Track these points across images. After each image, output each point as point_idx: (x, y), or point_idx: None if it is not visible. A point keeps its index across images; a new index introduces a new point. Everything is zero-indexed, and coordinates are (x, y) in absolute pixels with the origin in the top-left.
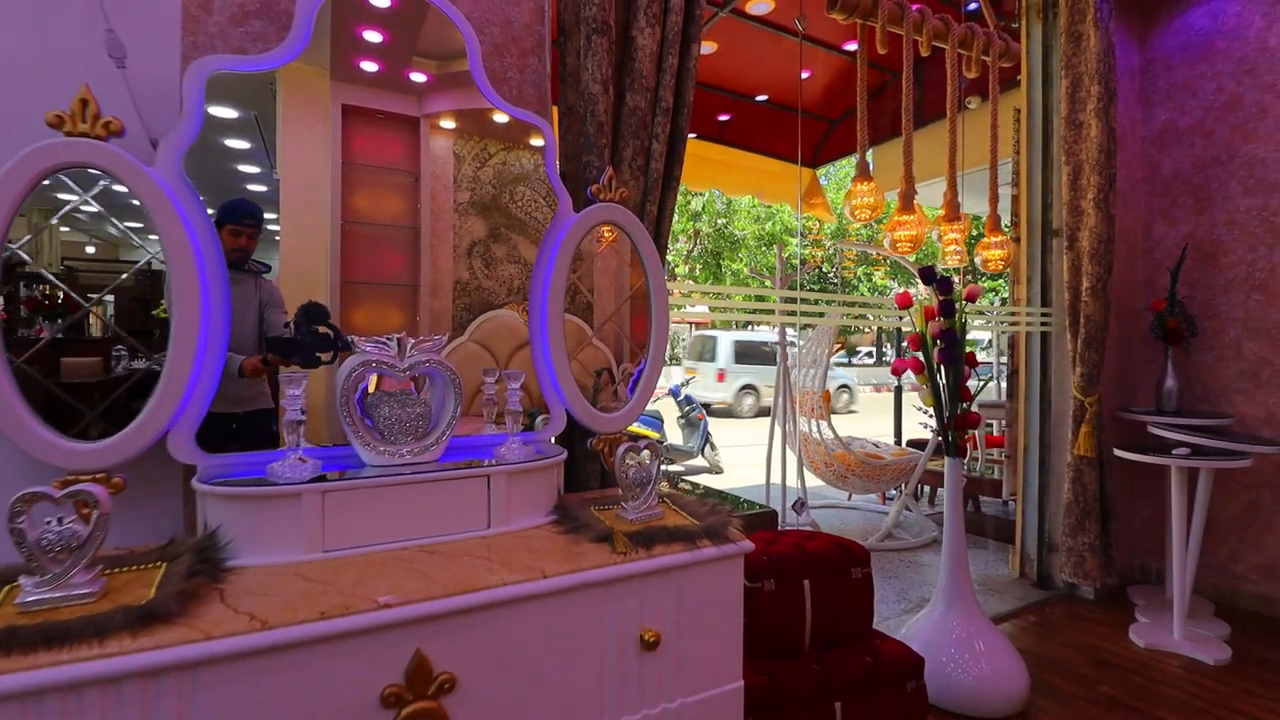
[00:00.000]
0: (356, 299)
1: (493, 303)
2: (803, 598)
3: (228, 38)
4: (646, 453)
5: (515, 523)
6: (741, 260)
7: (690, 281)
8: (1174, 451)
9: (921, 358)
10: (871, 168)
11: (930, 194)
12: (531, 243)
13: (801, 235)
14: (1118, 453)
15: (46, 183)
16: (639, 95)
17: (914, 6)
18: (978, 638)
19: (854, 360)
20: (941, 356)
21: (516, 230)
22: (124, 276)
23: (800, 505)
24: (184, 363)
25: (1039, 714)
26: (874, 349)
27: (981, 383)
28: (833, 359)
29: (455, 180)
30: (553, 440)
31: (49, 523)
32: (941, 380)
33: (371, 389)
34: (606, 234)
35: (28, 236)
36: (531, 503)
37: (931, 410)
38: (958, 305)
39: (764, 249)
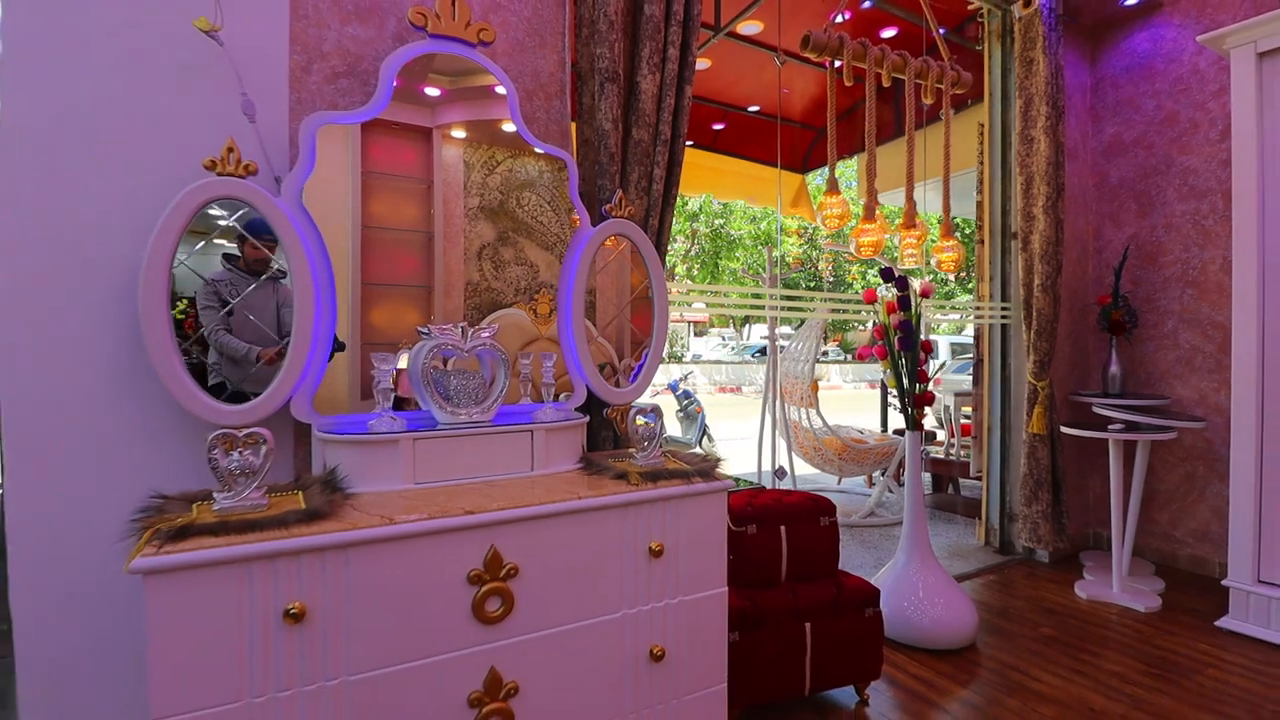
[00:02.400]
0: (375, 299)
1: (501, 303)
2: (780, 540)
3: (323, 93)
4: (652, 414)
5: (552, 467)
6: (738, 260)
7: (688, 281)
8: (1109, 427)
9: (884, 345)
10: (855, 172)
11: (901, 199)
12: (538, 246)
13: (797, 235)
14: (1064, 429)
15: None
16: (643, 130)
17: (875, 46)
18: (934, 585)
19: (849, 358)
20: (901, 344)
21: (523, 234)
22: (262, 278)
23: (781, 473)
24: (303, 345)
25: (985, 648)
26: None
27: (939, 364)
28: (827, 355)
29: (465, 187)
30: (575, 410)
31: (232, 455)
32: (902, 364)
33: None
34: (609, 244)
35: (200, 244)
36: (564, 453)
37: (895, 391)
38: (913, 300)
39: (760, 248)
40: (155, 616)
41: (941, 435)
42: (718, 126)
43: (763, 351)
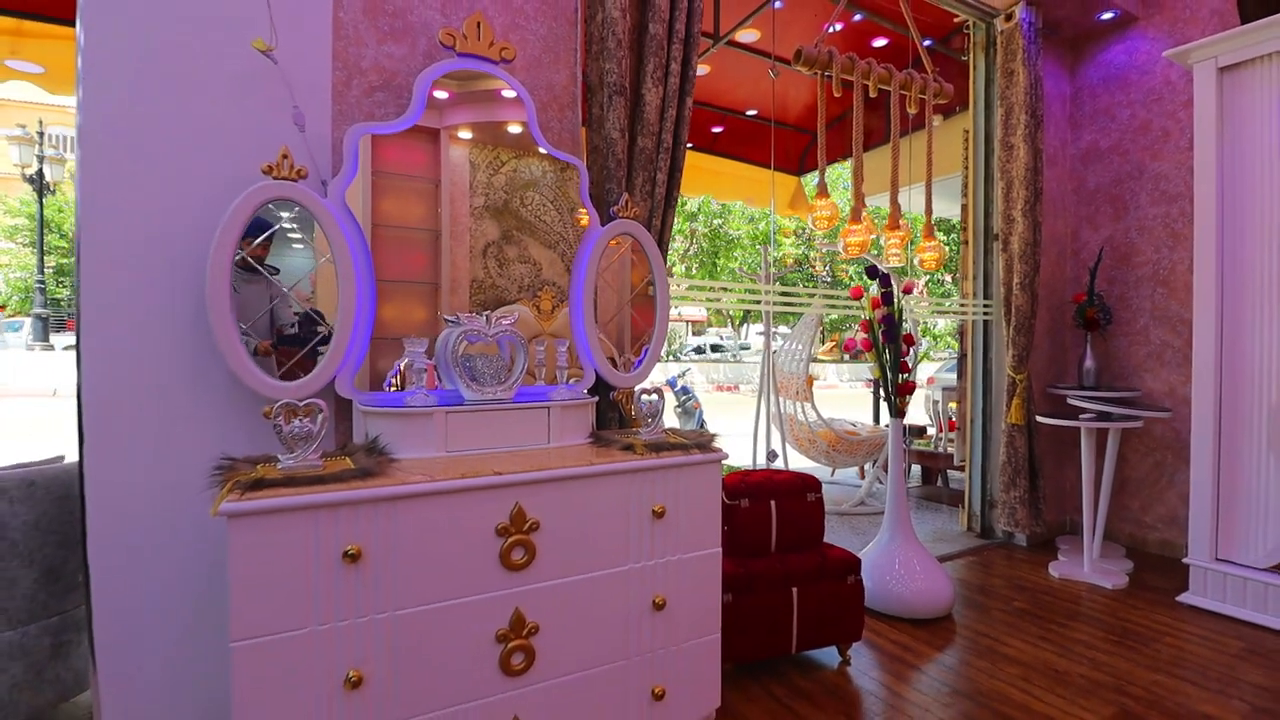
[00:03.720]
0: (384, 296)
1: (505, 299)
2: (770, 513)
3: (362, 105)
4: (655, 394)
5: (566, 440)
6: (737, 260)
7: (685, 279)
8: (1080, 416)
9: (870, 338)
10: (850, 175)
11: (877, 201)
12: (541, 244)
13: (795, 235)
14: (1039, 419)
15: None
16: (647, 138)
17: (863, 59)
18: (913, 560)
19: (846, 357)
20: (884, 336)
21: (526, 232)
22: (310, 271)
23: (773, 456)
24: (346, 331)
25: (960, 619)
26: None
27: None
28: (825, 357)
29: (471, 186)
30: (585, 392)
31: (294, 422)
32: (886, 356)
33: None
34: (612, 245)
35: (262, 237)
36: (576, 428)
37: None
38: (895, 296)
39: (758, 248)
40: (237, 554)
41: (932, 431)
42: (717, 129)
43: (745, 348)
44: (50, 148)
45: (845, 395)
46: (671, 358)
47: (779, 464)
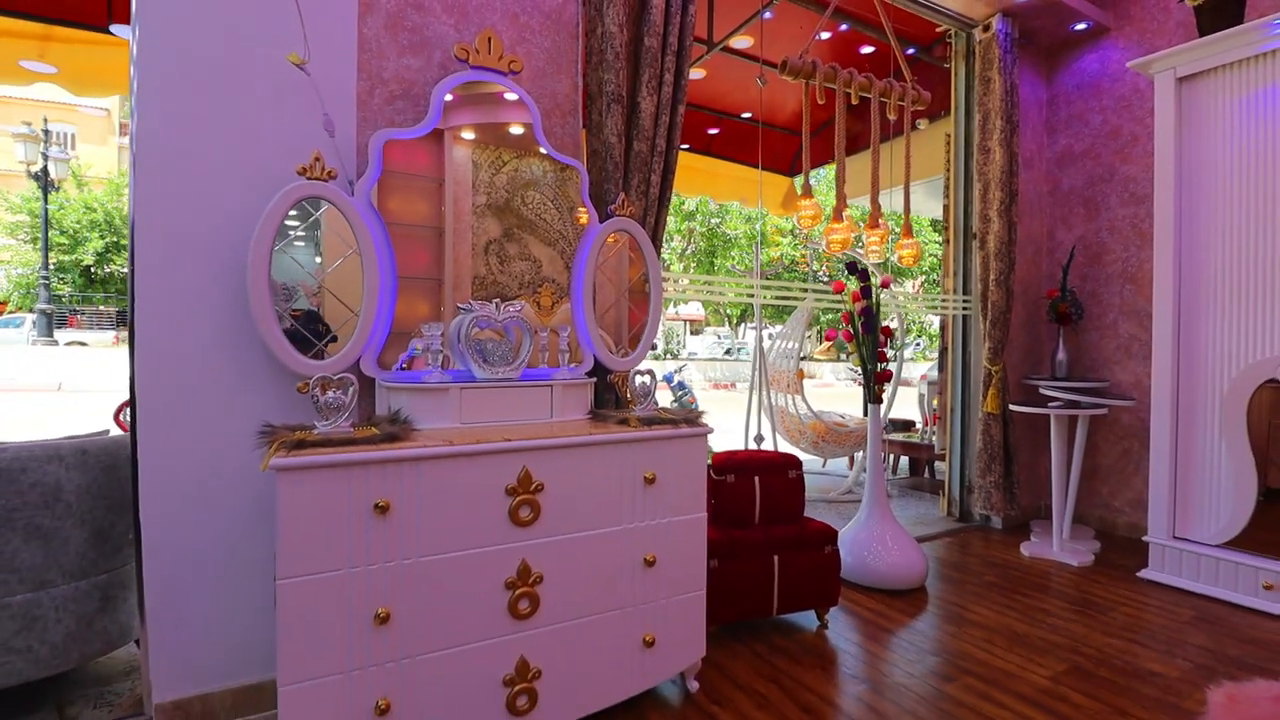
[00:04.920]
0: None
1: (506, 295)
2: (754, 487)
3: (383, 113)
4: (648, 375)
5: (567, 415)
6: (734, 258)
7: (684, 278)
8: (1049, 405)
9: (850, 329)
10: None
11: (883, 200)
12: (541, 242)
13: (791, 234)
14: (1012, 408)
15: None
16: (642, 143)
17: (845, 69)
18: (889, 536)
19: (844, 356)
20: (863, 327)
21: (527, 230)
22: (338, 262)
23: (759, 439)
24: (370, 316)
25: (933, 590)
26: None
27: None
28: (821, 357)
29: (474, 185)
30: (584, 374)
31: (329, 393)
32: (864, 346)
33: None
34: (610, 241)
35: (302, 229)
36: (576, 405)
37: (858, 369)
38: (874, 290)
39: (754, 247)
40: (284, 503)
41: (920, 425)
42: (713, 131)
43: (727, 352)
44: (55, 145)
45: (840, 393)
46: (669, 356)
47: (765, 447)
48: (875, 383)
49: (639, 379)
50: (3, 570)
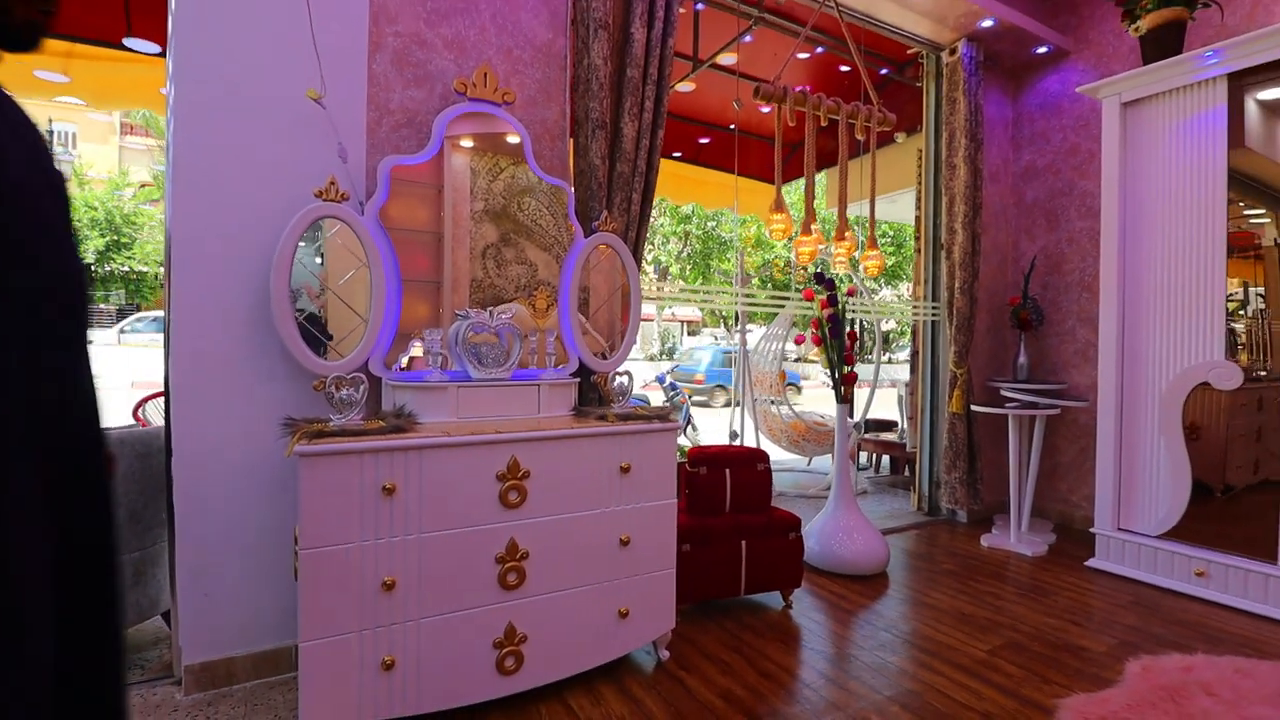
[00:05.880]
0: None
1: (503, 298)
2: (724, 479)
3: (390, 140)
4: (625, 376)
5: (553, 411)
6: (729, 260)
7: (679, 282)
8: (1007, 405)
9: (820, 334)
10: (823, 187)
11: (853, 210)
12: (536, 246)
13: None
14: (974, 408)
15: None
16: (624, 164)
17: (814, 94)
18: (853, 526)
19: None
20: (831, 333)
21: (524, 235)
22: (350, 274)
23: (734, 436)
24: (378, 322)
25: (894, 576)
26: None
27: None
28: (817, 357)
29: (472, 191)
30: (569, 375)
31: (343, 390)
32: (832, 350)
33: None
34: (602, 249)
35: (318, 244)
36: (560, 403)
37: (828, 371)
38: (840, 298)
39: (750, 250)
40: (304, 485)
41: (901, 424)
42: (704, 140)
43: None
44: (57, 144)
45: (830, 395)
46: (665, 356)
47: (746, 443)
48: (843, 384)
49: (618, 379)
50: None
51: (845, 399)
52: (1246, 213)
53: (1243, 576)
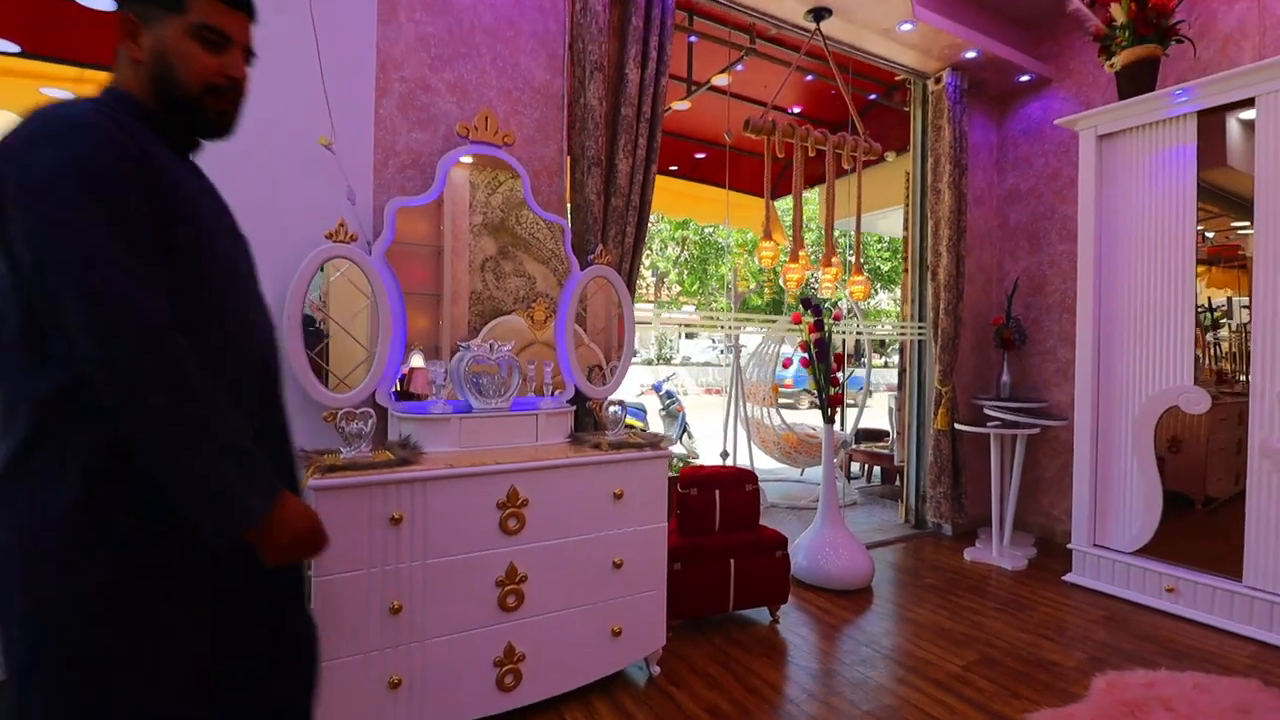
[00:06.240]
0: None
1: (501, 310)
2: (714, 499)
3: (395, 181)
4: (619, 405)
5: (550, 439)
6: (726, 266)
7: (673, 299)
8: (989, 424)
9: (807, 357)
10: (816, 205)
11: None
12: (534, 259)
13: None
14: (958, 426)
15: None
16: (619, 199)
17: (801, 126)
18: (839, 542)
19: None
20: (817, 356)
21: (522, 248)
22: (360, 310)
23: (724, 455)
24: (384, 356)
25: (878, 590)
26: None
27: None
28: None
29: (471, 205)
30: (566, 401)
31: (352, 424)
32: (819, 372)
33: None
34: (597, 279)
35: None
36: (557, 431)
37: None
38: (825, 323)
39: (748, 256)
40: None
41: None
42: (699, 156)
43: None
44: None
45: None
46: (662, 361)
47: (740, 460)
48: (829, 404)
49: (611, 409)
50: None
51: (830, 420)
52: (1234, 225)
53: (1210, 593)
